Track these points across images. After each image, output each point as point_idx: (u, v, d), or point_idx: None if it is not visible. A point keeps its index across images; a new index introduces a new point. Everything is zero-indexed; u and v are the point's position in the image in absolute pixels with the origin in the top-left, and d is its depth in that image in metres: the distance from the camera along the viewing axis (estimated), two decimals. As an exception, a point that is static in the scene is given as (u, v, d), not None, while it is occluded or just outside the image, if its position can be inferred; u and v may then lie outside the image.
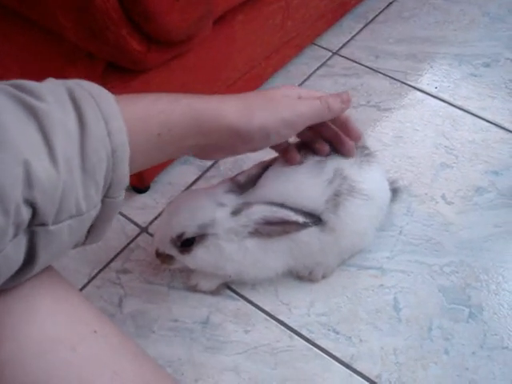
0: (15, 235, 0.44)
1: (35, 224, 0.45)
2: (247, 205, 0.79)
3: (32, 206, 0.44)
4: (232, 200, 0.81)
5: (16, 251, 0.46)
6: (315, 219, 0.81)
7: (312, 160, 0.81)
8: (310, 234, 0.82)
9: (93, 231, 0.54)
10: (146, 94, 0.59)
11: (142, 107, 0.57)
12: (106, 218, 0.54)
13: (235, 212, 0.79)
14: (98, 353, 0.55)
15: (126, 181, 0.53)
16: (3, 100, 0.44)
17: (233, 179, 0.84)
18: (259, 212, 0.79)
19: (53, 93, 0.47)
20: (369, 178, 0.84)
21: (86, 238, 0.55)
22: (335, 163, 0.81)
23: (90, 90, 0.50)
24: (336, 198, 0.80)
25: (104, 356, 0.55)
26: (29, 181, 0.43)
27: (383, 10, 1.47)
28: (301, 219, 0.79)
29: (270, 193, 0.81)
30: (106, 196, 0.52)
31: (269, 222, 0.79)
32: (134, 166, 0.54)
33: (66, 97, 0.48)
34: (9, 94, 0.45)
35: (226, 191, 0.82)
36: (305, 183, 0.80)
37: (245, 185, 0.83)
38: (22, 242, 0.46)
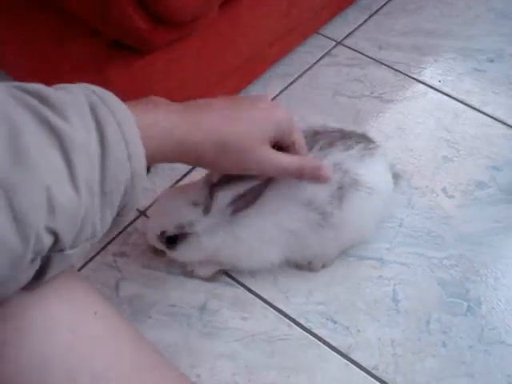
0: (32, 261, 0.43)
1: (54, 250, 0.45)
2: (213, 198, 0.78)
3: (54, 233, 0.43)
4: (205, 198, 0.79)
5: (26, 275, 0.45)
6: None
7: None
8: (310, 229, 0.81)
9: None
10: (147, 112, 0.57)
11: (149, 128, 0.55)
12: (110, 230, 0.53)
13: (207, 209, 0.78)
14: (97, 334, 0.55)
15: (139, 203, 0.53)
16: (27, 118, 0.42)
17: (207, 179, 0.81)
18: (226, 197, 0.77)
19: (76, 110, 0.45)
20: (372, 171, 0.83)
21: None
22: (333, 157, 0.80)
23: (112, 108, 0.48)
24: (340, 192, 0.79)
25: (103, 338, 0.55)
26: (51, 208, 0.42)
27: (388, 1, 1.46)
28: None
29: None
30: (117, 215, 0.52)
31: (240, 197, 0.76)
32: None
33: (89, 115, 0.46)
34: (32, 110, 0.43)
35: (201, 189, 0.80)
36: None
37: (219, 182, 0.79)
38: (35, 266, 0.45)
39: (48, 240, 0.43)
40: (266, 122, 0.66)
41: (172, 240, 0.80)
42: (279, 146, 0.70)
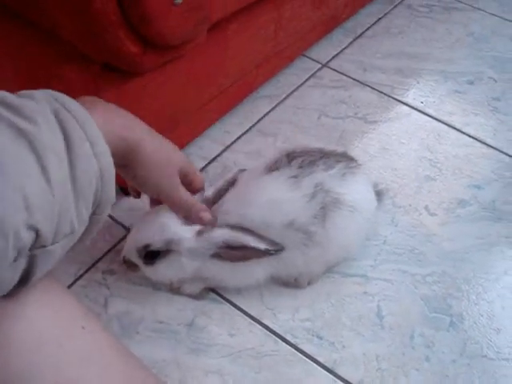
0: (15, 259, 0.45)
1: (36, 247, 0.46)
2: (210, 227, 0.80)
3: (34, 229, 0.44)
4: None
5: (11, 275, 0.46)
6: (279, 247, 0.80)
7: (284, 175, 0.81)
8: (296, 248, 0.83)
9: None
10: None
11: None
12: (91, 231, 0.55)
13: (200, 232, 0.80)
14: (84, 349, 0.55)
15: (113, 199, 0.55)
16: None
17: (200, 196, 0.83)
18: (221, 236, 0.79)
19: (41, 114, 0.47)
20: (353, 190, 0.84)
21: None
22: (314, 178, 0.81)
23: (73, 112, 0.50)
24: (322, 211, 0.81)
25: (91, 352, 0.56)
26: (28, 206, 0.43)
27: (372, 25, 1.50)
28: (262, 246, 0.79)
29: (243, 209, 0.80)
30: (93, 213, 0.53)
31: (230, 247, 0.79)
32: None
33: (53, 119, 0.48)
34: None
35: None
36: (281, 198, 0.80)
37: (214, 199, 0.83)
38: (21, 265, 0.46)
39: (28, 236, 0.44)
40: (182, 156, 0.75)
41: (152, 255, 0.81)
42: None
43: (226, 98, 1.14)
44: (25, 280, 0.48)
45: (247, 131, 1.20)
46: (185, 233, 0.79)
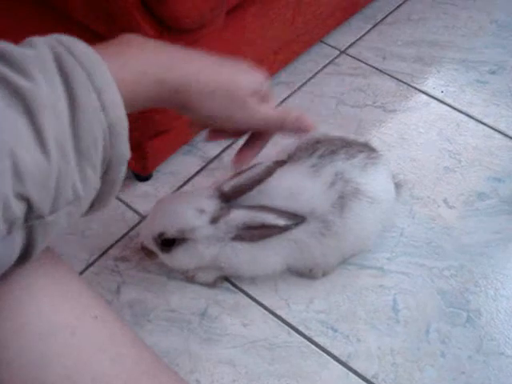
0: (9, 232, 0.41)
1: (32, 218, 0.42)
2: (226, 211, 0.78)
3: (25, 199, 0.40)
4: (213, 207, 0.79)
5: (8, 250, 0.43)
6: (299, 219, 0.79)
7: (305, 164, 0.81)
8: (313, 237, 0.82)
9: (94, 204, 0.50)
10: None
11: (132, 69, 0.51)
12: (108, 193, 0.50)
13: (214, 219, 0.79)
14: (97, 338, 0.54)
15: (127, 156, 0.48)
16: None
17: (218, 187, 0.82)
18: (238, 218, 0.78)
19: (39, 64, 0.42)
20: (373, 181, 0.83)
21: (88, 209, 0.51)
22: (335, 167, 0.81)
23: (79, 57, 0.44)
24: (341, 201, 0.80)
25: (103, 341, 0.54)
26: (17, 174, 0.39)
27: (392, 11, 1.46)
28: (281, 222, 0.77)
29: (263, 201, 0.80)
30: (106, 173, 0.48)
31: (249, 227, 0.78)
32: None
33: (54, 69, 0.42)
34: None
35: (208, 197, 0.81)
36: (302, 188, 0.80)
37: (229, 194, 0.81)
38: (18, 239, 0.43)
39: (19, 207, 0.40)
40: (251, 75, 0.64)
41: (168, 243, 0.80)
42: None
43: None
44: (26, 256, 0.45)
45: (263, 118, 1.18)
46: (198, 221, 0.78)
